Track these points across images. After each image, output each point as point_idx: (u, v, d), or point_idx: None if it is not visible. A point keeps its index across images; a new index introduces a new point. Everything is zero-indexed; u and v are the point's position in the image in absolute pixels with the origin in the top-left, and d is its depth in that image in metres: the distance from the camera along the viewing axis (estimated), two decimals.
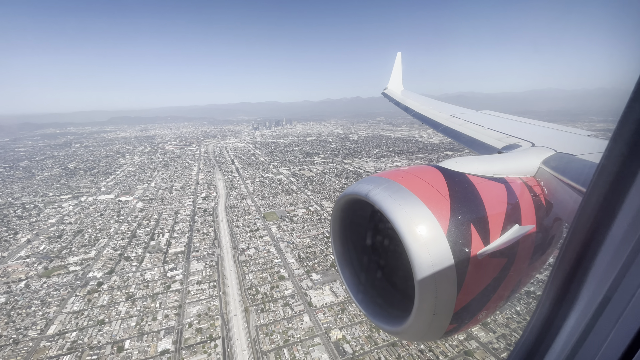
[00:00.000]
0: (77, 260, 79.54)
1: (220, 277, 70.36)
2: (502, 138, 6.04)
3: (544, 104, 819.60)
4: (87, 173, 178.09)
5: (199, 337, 52.99)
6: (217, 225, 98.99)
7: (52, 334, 54.68)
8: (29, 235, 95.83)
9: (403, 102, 13.65)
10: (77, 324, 56.93)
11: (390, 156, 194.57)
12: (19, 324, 57.57)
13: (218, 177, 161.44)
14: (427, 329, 2.50)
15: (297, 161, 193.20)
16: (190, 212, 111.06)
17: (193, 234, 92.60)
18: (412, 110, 11.86)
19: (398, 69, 18.29)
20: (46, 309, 61.42)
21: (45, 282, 70.42)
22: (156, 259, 79.29)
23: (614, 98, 1.28)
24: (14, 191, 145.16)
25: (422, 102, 12.64)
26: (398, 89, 17.15)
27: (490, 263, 2.54)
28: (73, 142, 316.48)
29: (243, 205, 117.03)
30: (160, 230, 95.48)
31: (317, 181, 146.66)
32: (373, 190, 2.62)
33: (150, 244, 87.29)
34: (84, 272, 73.80)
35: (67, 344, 52.41)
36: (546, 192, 3.21)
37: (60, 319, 58.39)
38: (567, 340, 1.52)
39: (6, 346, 52.66)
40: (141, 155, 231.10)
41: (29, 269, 76.17)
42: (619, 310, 1.23)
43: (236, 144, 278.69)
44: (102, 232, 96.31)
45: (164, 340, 52.30)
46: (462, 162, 3.15)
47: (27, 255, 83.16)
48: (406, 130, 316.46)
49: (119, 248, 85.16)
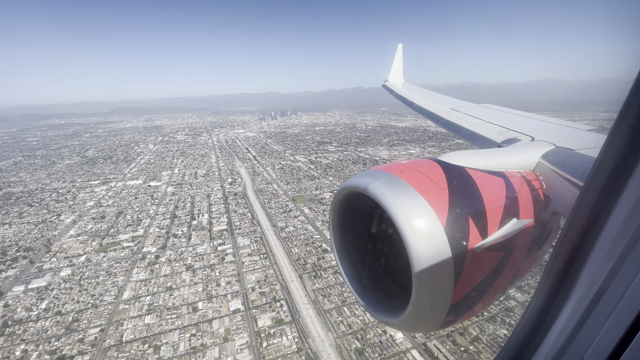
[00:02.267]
0: (128, 237, 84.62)
1: (268, 250, 75.82)
2: (502, 132, 6.07)
3: (547, 94, 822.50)
4: (107, 161, 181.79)
5: (263, 299, 58.68)
6: (251, 207, 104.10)
7: (127, 299, 60.11)
8: (72, 216, 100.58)
9: (403, 95, 13.59)
10: (147, 290, 62.42)
11: (402, 144, 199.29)
12: (92, 292, 62.87)
13: (238, 164, 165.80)
14: (424, 320, 2.54)
15: (310, 150, 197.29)
16: (221, 196, 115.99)
17: (231, 215, 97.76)
18: (413, 103, 11.84)
19: (399, 60, 18.14)
20: (114, 278, 66.73)
21: (104, 256, 75.56)
22: (202, 235, 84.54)
23: (617, 89, 1.30)
24: (41, 178, 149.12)
25: (422, 95, 12.61)
26: (399, 81, 17.07)
27: (488, 256, 2.58)
28: (82, 132, 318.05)
29: (270, 190, 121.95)
30: (198, 211, 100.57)
31: (335, 168, 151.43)
32: (372, 183, 2.64)
33: (193, 223, 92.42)
34: (138, 248, 78.99)
35: (144, 306, 57.92)
36: (545, 187, 3.22)
37: (130, 286, 63.79)
38: (562, 329, 1.56)
39: (87, 309, 58.05)
40: (155, 144, 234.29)
41: (84, 246, 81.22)
42: (613, 303, 1.27)
43: (246, 134, 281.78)
44: (142, 213, 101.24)
45: (233, 302, 57.94)
46: (461, 156, 3.17)
47: (78, 234, 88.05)
48: (413, 120, 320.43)
49: (163, 227, 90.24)
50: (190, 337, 50.48)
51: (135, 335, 51.33)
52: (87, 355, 47.90)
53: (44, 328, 53.73)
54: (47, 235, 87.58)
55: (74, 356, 47.78)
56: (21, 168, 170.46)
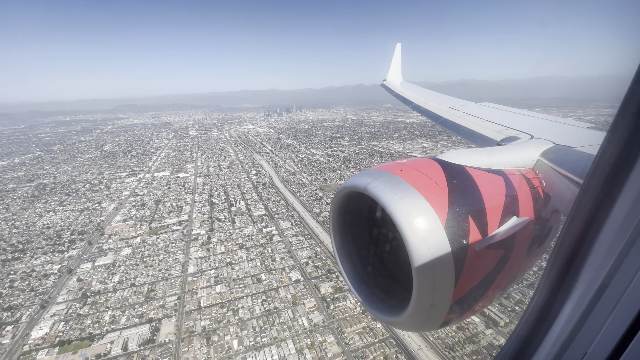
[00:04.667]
0: (174, 222, 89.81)
1: (310, 232, 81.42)
2: (501, 130, 6.07)
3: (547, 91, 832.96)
4: (127, 155, 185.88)
5: (319, 271, 64.40)
6: (283, 195, 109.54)
7: (193, 272, 65.53)
8: (112, 204, 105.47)
9: (402, 94, 13.56)
10: (209, 265, 67.87)
11: (414, 139, 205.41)
12: (157, 268, 68.15)
13: (257, 157, 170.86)
14: (425, 319, 2.53)
15: (324, 144, 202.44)
16: (250, 186, 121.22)
17: (265, 202, 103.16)
18: (411, 102, 11.83)
19: (397, 59, 18.17)
20: (174, 256, 72.07)
21: (157, 238, 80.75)
22: (245, 220, 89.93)
23: (616, 86, 1.30)
24: (68, 170, 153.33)
25: (421, 94, 12.63)
26: (397, 80, 17.00)
27: (488, 255, 2.58)
28: (92, 129, 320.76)
29: (296, 180, 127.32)
30: (234, 199, 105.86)
31: (353, 160, 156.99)
32: (372, 183, 2.64)
33: (232, 209, 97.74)
34: (187, 230, 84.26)
35: (211, 278, 63.42)
36: (544, 185, 3.23)
37: (192, 262, 69.17)
38: (564, 326, 1.56)
39: (158, 282, 63.40)
40: (169, 139, 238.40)
41: (134, 229, 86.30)
42: (615, 300, 1.26)
43: (256, 129, 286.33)
44: (180, 201, 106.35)
45: (292, 274, 63.62)
46: (461, 155, 3.18)
47: (124, 219, 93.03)
48: (419, 116, 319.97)
49: (205, 213, 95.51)
50: (262, 302, 56.13)
51: (211, 301, 56.87)
52: (173, 318, 53.39)
53: (124, 297, 59.04)
54: (95, 221, 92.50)
55: (160, 319, 53.22)
56: (44, 161, 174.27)
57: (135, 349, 47.55)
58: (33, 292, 61.54)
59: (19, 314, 56.01)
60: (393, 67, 17.81)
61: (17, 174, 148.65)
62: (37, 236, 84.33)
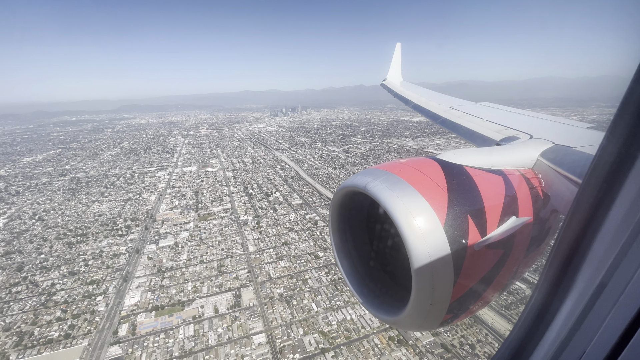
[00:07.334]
0: (220, 210, 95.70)
1: None
2: (500, 130, 6.09)
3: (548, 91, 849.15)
4: (148, 152, 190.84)
5: None
6: (314, 187, 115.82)
7: (254, 251, 71.58)
8: (153, 195, 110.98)
9: (402, 94, 13.68)
10: (267, 245, 73.94)
11: (426, 136, 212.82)
12: (219, 247, 74.03)
13: (277, 154, 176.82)
14: (424, 319, 2.53)
15: (338, 142, 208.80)
16: (279, 179, 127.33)
17: (299, 192, 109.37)
18: (411, 102, 11.92)
19: (397, 59, 18.31)
20: (231, 238, 78.02)
21: (209, 223, 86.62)
22: (285, 208, 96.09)
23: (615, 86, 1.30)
24: (95, 165, 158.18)
25: (420, 94, 12.77)
26: (397, 80, 17.18)
27: (487, 254, 2.58)
28: (102, 128, 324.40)
29: (322, 174, 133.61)
30: (268, 190, 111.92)
31: (372, 156, 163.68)
32: (371, 182, 2.64)
33: (269, 199, 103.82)
34: (235, 217, 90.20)
35: (273, 255, 69.51)
36: (544, 184, 3.24)
37: (250, 242, 75.19)
38: (563, 325, 1.56)
39: (225, 259, 69.34)
40: (184, 137, 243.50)
41: (183, 216, 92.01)
42: (614, 298, 1.27)
43: (267, 128, 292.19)
44: (217, 192, 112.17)
45: None
46: (460, 154, 3.19)
47: (171, 208, 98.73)
48: None
49: (245, 202, 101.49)
50: (326, 274, 62.39)
51: (279, 274, 62.99)
52: (250, 287, 59.43)
53: (197, 271, 64.93)
54: (143, 209, 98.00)
55: (239, 287, 59.25)
56: (68, 158, 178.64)
57: (225, 312, 53.55)
58: (110, 269, 67.10)
59: (104, 286, 61.59)
60: (393, 67, 17.98)
61: (46, 169, 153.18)
62: (91, 223, 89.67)
